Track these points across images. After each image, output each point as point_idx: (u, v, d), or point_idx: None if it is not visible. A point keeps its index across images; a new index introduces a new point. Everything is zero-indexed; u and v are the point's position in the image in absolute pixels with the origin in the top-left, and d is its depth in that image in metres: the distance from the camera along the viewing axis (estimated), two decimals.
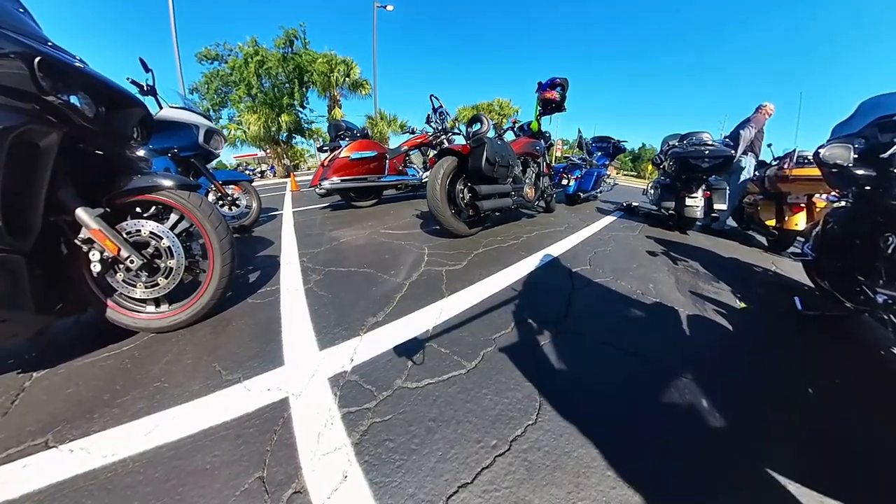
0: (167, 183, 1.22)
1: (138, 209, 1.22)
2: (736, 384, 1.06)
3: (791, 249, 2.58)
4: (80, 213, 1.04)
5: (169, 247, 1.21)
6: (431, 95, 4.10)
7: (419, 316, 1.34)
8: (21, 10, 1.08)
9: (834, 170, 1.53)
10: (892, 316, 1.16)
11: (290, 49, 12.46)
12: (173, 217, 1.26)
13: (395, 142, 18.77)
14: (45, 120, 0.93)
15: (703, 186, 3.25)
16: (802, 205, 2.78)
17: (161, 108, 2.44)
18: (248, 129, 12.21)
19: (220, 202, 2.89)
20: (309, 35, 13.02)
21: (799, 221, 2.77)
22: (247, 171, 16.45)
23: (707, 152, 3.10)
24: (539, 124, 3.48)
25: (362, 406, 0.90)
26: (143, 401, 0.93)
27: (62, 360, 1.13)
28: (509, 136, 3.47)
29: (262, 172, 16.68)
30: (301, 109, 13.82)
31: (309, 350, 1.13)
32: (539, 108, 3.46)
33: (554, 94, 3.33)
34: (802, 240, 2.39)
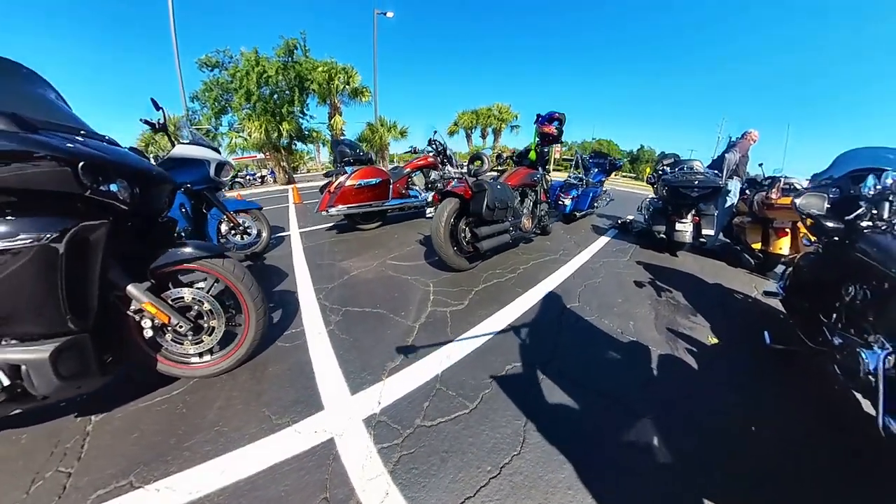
0: (202, 253, 1.38)
1: (179, 276, 1.39)
2: (689, 424, 1.28)
3: (765, 287, 2.75)
4: (131, 289, 1.20)
5: (210, 309, 1.40)
6: (434, 132, 4.40)
7: (430, 360, 1.56)
8: (54, 94, 1.21)
9: (808, 219, 1.73)
10: (844, 357, 1.30)
11: (290, 58, 12.55)
12: (210, 280, 1.43)
13: (395, 147, 18.92)
14: (92, 214, 1.04)
15: (693, 212, 3.51)
16: (787, 230, 2.95)
17: (173, 145, 2.62)
18: (250, 136, 12.26)
19: (233, 231, 3.04)
20: (311, 43, 13.18)
21: (783, 246, 2.94)
22: (247, 177, 16.31)
23: (696, 182, 3.37)
24: (536, 154, 3.71)
25: (392, 442, 1.13)
26: (209, 444, 1.13)
27: (115, 404, 1.31)
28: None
29: (262, 178, 16.70)
30: (302, 116, 13.96)
31: (342, 394, 1.36)
32: (537, 139, 3.70)
33: (552, 129, 3.57)
34: (779, 275, 2.51)
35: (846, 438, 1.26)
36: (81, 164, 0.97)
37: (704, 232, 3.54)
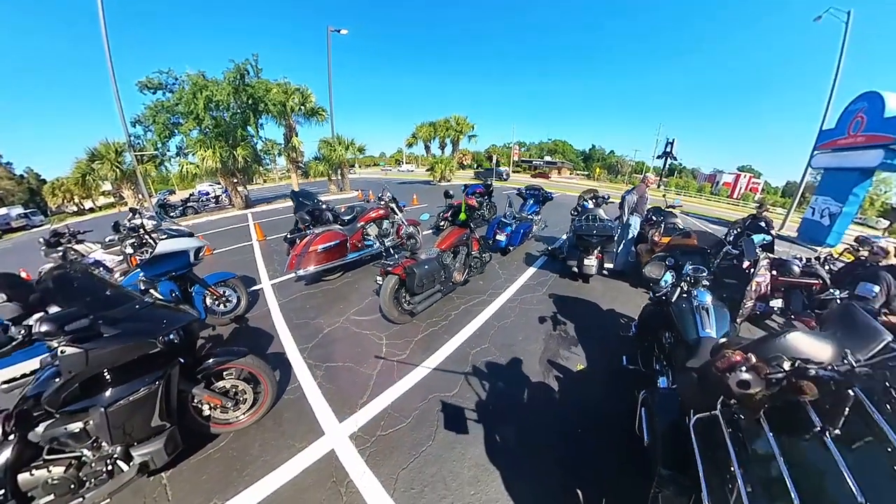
0: (230, 358, 2.20)
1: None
2: (536, 428, 2.33)
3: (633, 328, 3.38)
4: (196, 391, 2.06)
5: (242, 388, 2.29)
6: (383, 189, 5.37)
7: (384, 395, 2.60)
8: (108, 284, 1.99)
9: (651, 282, 2.88)
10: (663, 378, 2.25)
11: (241, 81, 12.39)
12: (237, 370, 2.27)
13: (363, 152, 19.10)
14: (167, 360, 1.80)
15: (598, 250, 4.80)
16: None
17: (156, 245, 3.18)
18: (203, 164, 12.01)
19: (216, 301, 3.65)
20: (265, 63, 13.13)
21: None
22: (200, 199, 15.46)
23: (595, 231, 4.70)
24: (466, 216, 4.80)
25: (365, 446, 2.15)
26: (260, 469, 2.04)
27: (177, 462, 2.01)
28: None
29: (216, 198, 16.09)
30: (257, 140, 13.88)
31: (334, 423, 2.34)
32: (465, 209, 4.80)
33: (473, 202, 4.73)
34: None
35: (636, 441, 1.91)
36: (160, 337, 1.77)
37: (606, 265, 4.89)
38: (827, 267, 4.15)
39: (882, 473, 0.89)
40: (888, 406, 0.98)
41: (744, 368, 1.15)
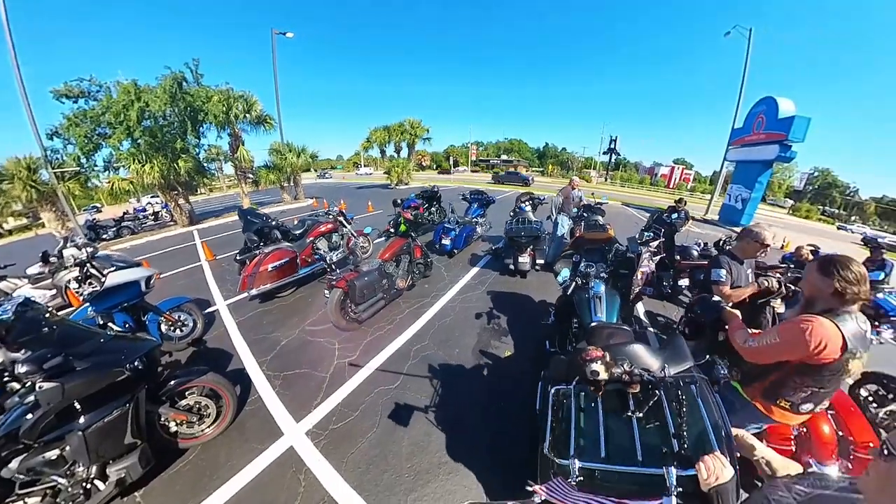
0: (192, 377, 2.49)
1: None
2: (467, 407, 2.95)
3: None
4: (162, 410, 2.33)
5: (206, 404, 2.59)
6: (333, 207, 5.68)
7: (336, 394, 3.00)
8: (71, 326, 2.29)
9: (558, 280, 3.40)
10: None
11: (178, 89, 11.63)
12: (200, 388, 2.55)
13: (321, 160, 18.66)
14: (134, 384, 2.07)
15: (530, 248, 5.45)
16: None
17: (104, 278, 3.23)
18: (141, 179, 11.10)
19: (172, 327, 3.76)
20: (208, 70, 12.44)
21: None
22: (137, 217, 14.07)
23: (523, 233, 5.35)
24: (407, 227, 5.26)
25: (319, 439, 2.56)
26: (229, 471, 2.37)
27: (152, 476, 2.29)
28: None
29: (155, 215, 14.87)
30: (199, 150, 13.16)
31: (292, 423, 2.71)
32: (403, 221, 5.27)
33: (408, 215, 5.20)
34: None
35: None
36: (126, 365, 2.07)
37: (538, 261, 5.64)
38: (728, 248, 5.15)
39: (657, 446, 1.41)
40: (674, 404, 1.51)
41: (598, 362, 1.57)
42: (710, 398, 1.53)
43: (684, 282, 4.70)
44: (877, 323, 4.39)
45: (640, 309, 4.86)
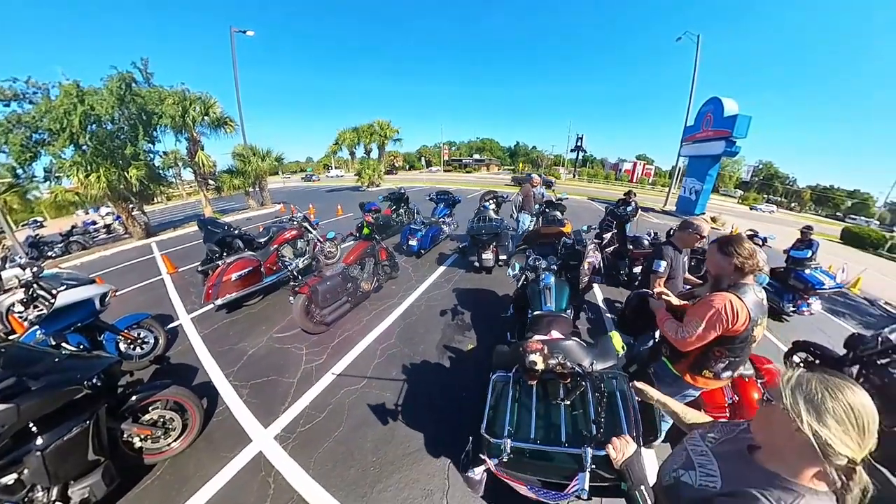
0: (154, 391, 2.47)
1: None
2: (433, 394, 3.13)
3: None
4: (124, 426, 2.34)
5: (171, 417, 2.61)
6: (297, 213, 5.66)
7: (304, 397, 3.10)
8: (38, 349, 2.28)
9: (508, 273, 3.59)
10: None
11: (127, 91, 10.80)
12: (164, 401, 2.57)
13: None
14: (93, 401, 2.08)
15: (493, 245, 5.69)
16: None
17: (53, 299, 3.01)
18: (87, 189, 10.23)
19: (131, 345, 3.64)
20: (168, 71, 11.69)
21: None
22: (87, 231, 13.03)
23: (484, 230, 5.57)
24: (370, 230, 5.35)
25: (287, 442, 2.66)
26: (199, 481, 2.42)
27: (119, 495, 2.27)
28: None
29: (108, 228, 13.81)
30: (153, 156, 12.36)
31: (260, 430, 2.79)
32: (365, 224, 5.37)
33: (369, 218, 5.32)
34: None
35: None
36: (84, 382, 2.08)
37: (501, 257, 5.87)
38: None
39: (579, 430, 1.62)
40: (597, 395, 1.72)
41: (537, 354, 1.80)
42: (627, 391, 1.78)
43: (637, 269, 5.11)
44: (806, 296, 5.03)
45: (599, 296, 5.26)
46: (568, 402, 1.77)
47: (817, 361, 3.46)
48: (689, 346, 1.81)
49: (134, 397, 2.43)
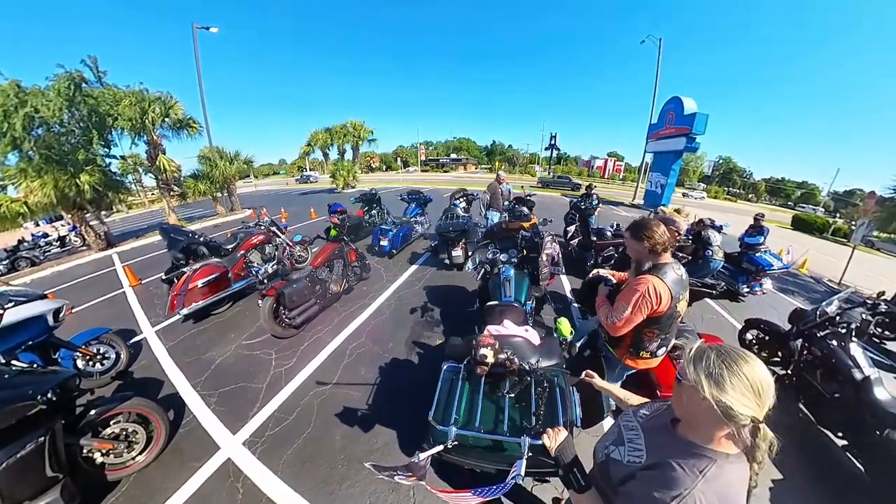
0: (114, 404, 2.40)
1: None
2: (403, 387, 3.23)
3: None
4: (83, 441, 2.21)
5: (133, 430, 2.56)
6: (264, 219, 5.53)
7: (273, 401, 3.13)
8: None
9: (467, 268, 3.75)
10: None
11: (77, 91, 10.08)
12: (126, 414, 2.52)
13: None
14: (49, 417, 1.99)
15: (462, 242, 5.81)
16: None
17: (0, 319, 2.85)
18: (29, 198, 9.51)
19: (90, 362, 3.47)
20: (125, 71, 10.94)
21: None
22: (38, 245, 11.78)
23: (451, 228, 5.69)
24: (338, 232, 5.37)
25: (256, 446, 2.69)
26: (169, 491, 2.41)
27: None
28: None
29: (61, 240, 12.59)
30: (110, 161, 11.59)
31: (229, 436, 2.79)
32: (333, 226, 5.39)
33: (335, 219, 5.36)
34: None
35: None
36: (38, 397, 2.03)
37: (470, 254, 5.92)
38: None
39: (520, 421, 1.78)
40: (539, 390, 1.89)
41: (489, 348, 1.91)
42: (566, 387, 1.96)
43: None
44: (758, 277, 5.56)
45: (567, 287, 5.52)
46: (513, 395, 1.92)
47: (767, 338, 3.75)
48: (620, 330, 1.92)
49: (93, 411, 2.39)
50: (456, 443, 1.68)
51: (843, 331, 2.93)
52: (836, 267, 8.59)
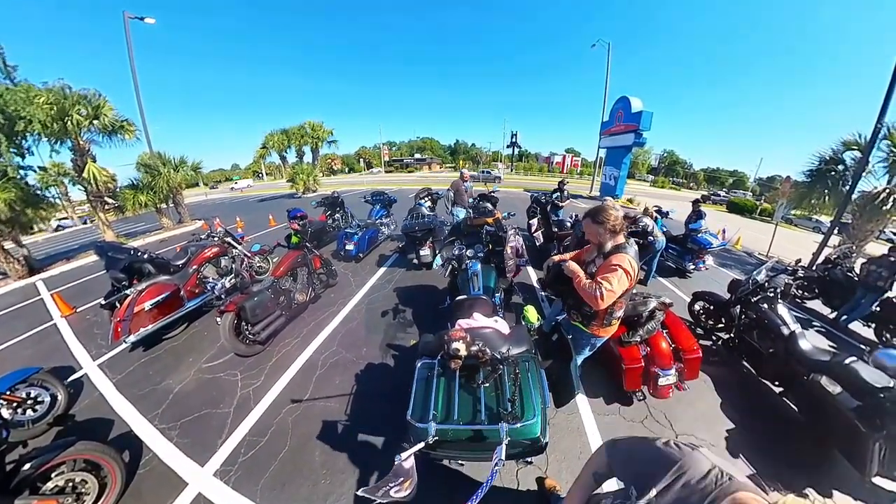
0: (57, 451, 2.16)
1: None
2: (379, 388, 3.17)
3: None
4: (18, 502, 1.94)
5: (82, 479, 2.29)
6: (218, 229, 5.19)
7: (242, 426, 2.95)
8: None
9: (434, 265, 3.76)
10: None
11: None
12: (71, 462, 2.24)
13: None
14: None
15: (429, 240, 5.78)
16: None
17: None
18: None
19: (18, 408, 3.02)
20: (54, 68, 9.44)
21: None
22: None
23: (416, 227, 5.65)
24: (299, 238, 5.16)
25: (230, 475, 2.52)
26: None
27: None
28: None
29: None
30: (25, 173, 10.09)
31: (197, 469, 2.59)
32: (293, 233, 5.17)
33: (295, 225, 5.17)
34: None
35: None
36: None
37: (438, 253, 5.94)
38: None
39: (496, 409, 1.81)
40: (512, 377, 1.96)
41: (460, 341, 1.94)
42: (537, 373, 2.05)
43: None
44: (701, 255, 6.34)
45: (533, 277, 5.72)
46: (487, 385, 1.97)
47: (711, 307, 4.22)
48: (605, 303, 2.00)
49: (27, 465, 2.11)
50: (437, 438, 1.70)
51: (772, 294, 3.40)
52: (764, 241, 9.99)
